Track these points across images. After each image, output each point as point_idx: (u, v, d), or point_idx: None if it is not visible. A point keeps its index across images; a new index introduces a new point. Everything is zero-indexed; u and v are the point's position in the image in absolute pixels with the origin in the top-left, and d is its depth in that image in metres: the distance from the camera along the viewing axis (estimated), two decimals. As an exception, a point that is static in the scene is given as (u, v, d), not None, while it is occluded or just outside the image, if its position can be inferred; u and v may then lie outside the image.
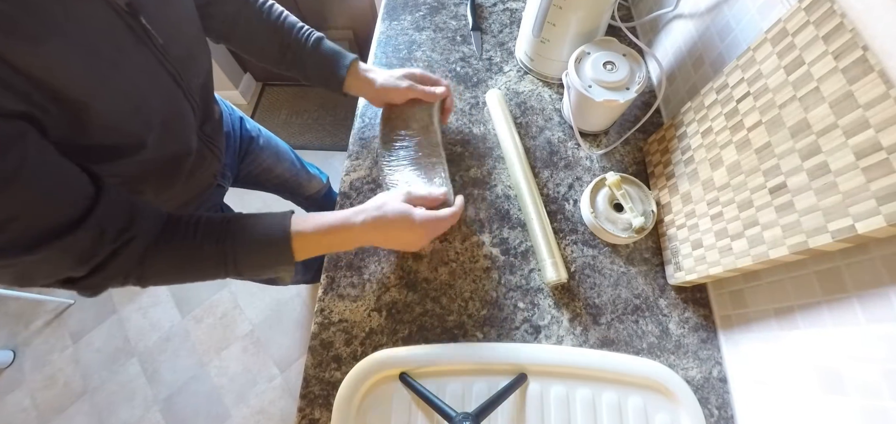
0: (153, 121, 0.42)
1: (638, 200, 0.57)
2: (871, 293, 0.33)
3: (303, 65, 0.58)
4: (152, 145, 0.42)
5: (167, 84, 0.44)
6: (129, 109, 0.39)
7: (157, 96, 0.43)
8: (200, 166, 0.58)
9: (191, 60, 0.49)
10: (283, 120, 1.85)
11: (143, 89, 0.40)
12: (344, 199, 0.61)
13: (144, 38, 0.40)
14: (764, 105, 0.41)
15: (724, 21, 0.54)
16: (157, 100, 0.43)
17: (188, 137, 0.50)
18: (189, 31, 0.49)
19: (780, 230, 0.38)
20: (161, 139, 0.44)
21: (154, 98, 0.42)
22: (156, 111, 0.42)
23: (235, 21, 0.57)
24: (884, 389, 0.32)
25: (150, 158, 0.43)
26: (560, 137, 0.66)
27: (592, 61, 0.58)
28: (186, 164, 0.52)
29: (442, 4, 0.82)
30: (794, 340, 0.41)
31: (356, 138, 0.67)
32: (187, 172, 0.54)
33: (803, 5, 0.37)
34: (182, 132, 0.49)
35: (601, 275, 0.55)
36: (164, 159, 0.47)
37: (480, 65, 0.74)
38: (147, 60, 0.41)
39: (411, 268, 0.56)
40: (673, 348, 0.51)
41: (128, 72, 0.38)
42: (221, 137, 0.64)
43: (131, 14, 0.38)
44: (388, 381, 0.48)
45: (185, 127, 0.49)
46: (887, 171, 0.30)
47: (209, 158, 0.59)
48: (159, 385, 1.34)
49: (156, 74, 0.42)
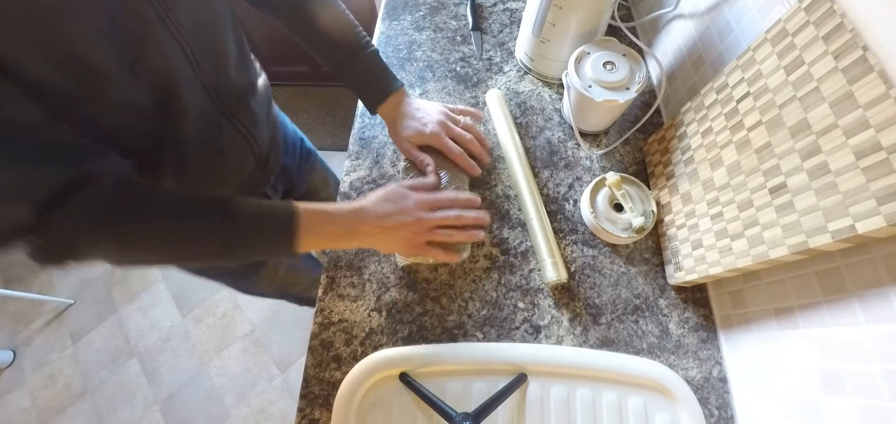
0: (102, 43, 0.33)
1: (638, 200, 0.57)
2: (871, 293, 0.33)
3: (353, 65, 0.57)
4: (118, 79, 0.35)
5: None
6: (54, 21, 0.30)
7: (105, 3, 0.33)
8: (229, 148, 0.51)
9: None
10: (283, 120, 1.86)
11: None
12: (344, 199, 0.61)
13: None
14: (764, 105, 0.41)
15: (724, 21, 0.54)
16: (105, 7, 0.33)
17: (183, 88, 0.42)
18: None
19: (780, 230, 0.38)
20: (135, 77, 0.36)
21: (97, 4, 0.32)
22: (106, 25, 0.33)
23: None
24: (884, 389, 0.32)
25: (126, 100, 0.37)
26: (560, 137, 0.66)
27: (592, 61, 0.58)
28: (192, 129, 0.45)
29: (442, 4, 0.82)
30: (794, 340, 0.41)
31: (356, 138, 0.67)
32: (206, 147, 0.47)
33: (803, 5, 0.37)
34: (169, 76, 0.40)
35: (601, 275, 0.55)
36: (153, 112, 0.40)
37: (480, 65, 0.74)
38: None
39: (411, 268, 0.56)
40: (673, 348, 0.51)
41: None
42: (255, 119, 0.56)
43: None
44: (388, 381, 0.48)
45: (172, 69, 0.40)
46: (887, 171, 0.30)
47: (237, 140, 0.52)
48: (159, 385, 1.35)
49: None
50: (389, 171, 0.63)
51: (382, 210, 0.47)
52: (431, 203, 0.49)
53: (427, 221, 0.48)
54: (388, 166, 0.64)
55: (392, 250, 0.51)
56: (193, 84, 0.44)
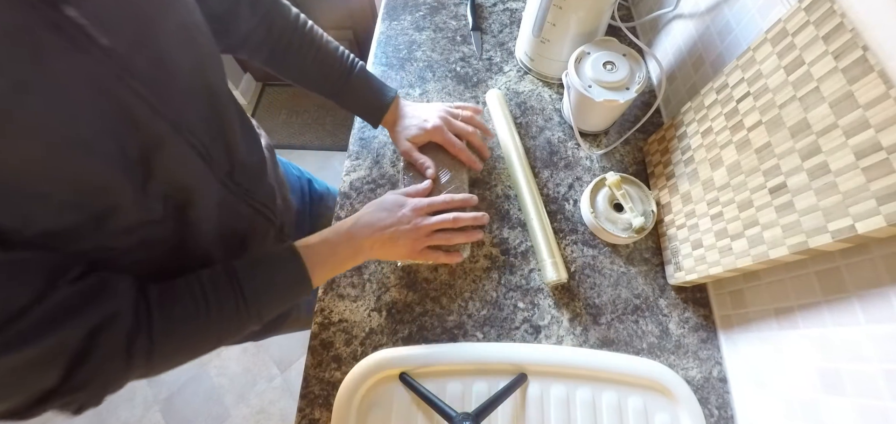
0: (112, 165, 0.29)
1: (638, 200, 0.57)
2: (871, 293, 0.33)
3: (345, 90, 0.56)
4: (129, 203, 0.31)
5: (128, 106, 0.30)
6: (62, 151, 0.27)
7: (113, 126, 0.29)
8: (249, 231, 0.48)
9: (172, 72, 0.35)
10: (283, 120, 1.86)
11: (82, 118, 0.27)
12: (344, 199, 0.61)
13: (78, 40, 0.27)
14: (764, 105, 0.41)
15: (724, 21, 0.54)
16: (113, 131, 0.29)
17: (200, 189, 0.39)
18: (168, 30, 0.34)
19: (780, 230, 0.38)
20: (144, 192, 0.32)
21: (104, 130, 0.29)
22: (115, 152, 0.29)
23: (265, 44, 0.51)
24: (884, 389, 0.32)
25: (138, 220, 0.33)
26: (560, 137, 0.66)
27: (592, 61, 0.58)
28: (212, 227, 0.42)
29: (442, 4, 0.82)
30: (794, 340, 0.41)
31: (356, 138, 0.67)
32: (230, 237, 0.44)
33: (803, 5, 0.37)
34: (184, 182, 0.36)
35: (601, 275, 0.55)
36: (171, 222, 0.37)
37: (480, 65, 0.74)
38: (84, 71, 0.27)
39: (411, 268, 0.56)
40: (673, 348, 0.51)
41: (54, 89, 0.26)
42: (271, 193, 0.53)
43: (49, 3, 0.25)
44: (388, 381, 0.48)
45: (188, 174, 0.37)
46: (887, 171, 0.30)
47: (257, 220, 0.48)
48: (159, 385, 1.34)
49: (103, 92, 0.29)
50: (389, 171, 0.63)
51: (380, 221, 0.47)
52: (427, 208, 0.49)
53: (425, 226, 0.48)
54: (388, 166, 0.64)
55: (394, 257, 0.51)
56: (210, 182, 0.41)
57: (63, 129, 0.26)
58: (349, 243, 0.46)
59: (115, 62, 0.29)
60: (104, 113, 0.29)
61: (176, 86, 0.35)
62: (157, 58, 0.33)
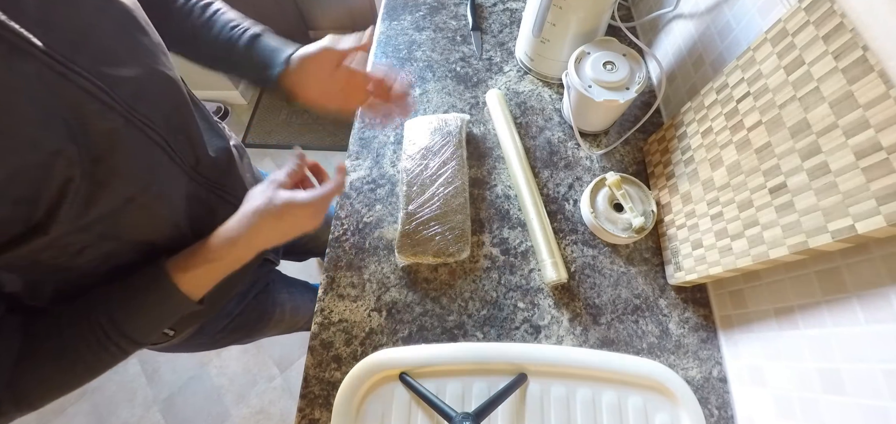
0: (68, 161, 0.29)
1: (638, 200, 0.57)
2: (871, 293, 0.33)
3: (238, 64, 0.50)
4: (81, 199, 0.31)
5: (78, 103, 0.30)
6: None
7: (62, 123, 0.29)
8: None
9: (118, 67, 0.34)
10: (284, 120, 1.85)
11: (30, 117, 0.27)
12: (344, 199, 0.61)
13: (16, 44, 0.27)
14: (764, 105, 0.41)
15: (724, 21, 0.54)
16: (63, 127, 0.29)
17: (167, 183, 0.39)
18: (107, 30, 0.34)
19: (780, 230, 0.38)
20: (103, 182, 0.32)
21: (52, 126, 0.28)
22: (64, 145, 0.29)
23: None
24: (884, 389, 0.32)
25: (97, 216, 0.33)
26: (560, 137, 0.66)
27: (592, 61, 0.58)
28: (187, 222, 0.42)
29: (442, 4, 0.82)
30: (794, 340, 0.41)
31: (356, 138, 0.67)
32: (206, 233, 0.42)
33: (803, 5, 0.37)
34: (138, 170, 0.36)
35: (601, 275, 0.55)
36: (131, 217, 0.36)
37: (480, 65, 0.74)
38: (31, 73, 0.28)
39: (411, 268, 0.56)
40: (673, 348, 0.51)
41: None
42: (243, 184, 0.52)
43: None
44: (388, 381, 0.48)
45: (138, 162, 0.36)
46: (887, 171, 0.30)
47: (230, 212, 0.45)
48: (159, 385, 1.34)
49: (51, 93, 0.29)
50: (389, 171, 0.63)
51: (257, 204, 0.42)
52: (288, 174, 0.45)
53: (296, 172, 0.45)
54: (388, 165, 0.64)
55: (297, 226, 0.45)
56: (176, 174, 0.41)
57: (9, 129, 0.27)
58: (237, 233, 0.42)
59: (57, 61, 0.29)
60: (51, 111, 0.29)
61: (125, 80, 0.35)
62: (99, 54, 0.33)
